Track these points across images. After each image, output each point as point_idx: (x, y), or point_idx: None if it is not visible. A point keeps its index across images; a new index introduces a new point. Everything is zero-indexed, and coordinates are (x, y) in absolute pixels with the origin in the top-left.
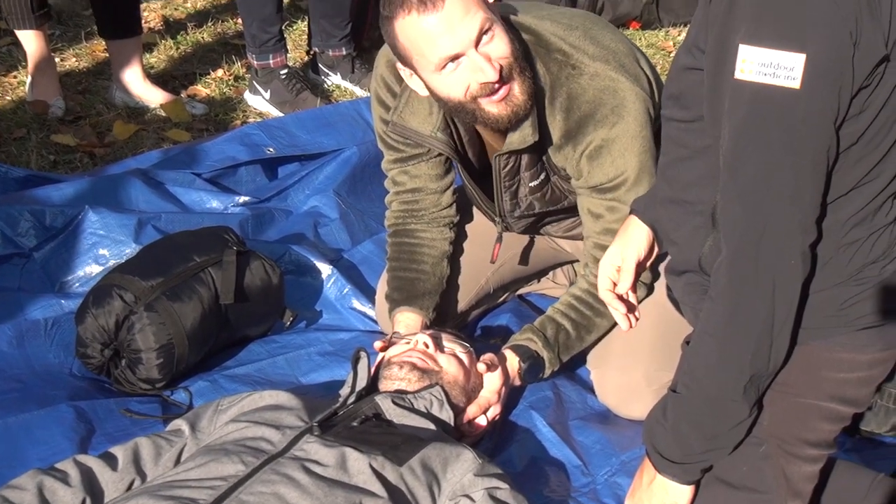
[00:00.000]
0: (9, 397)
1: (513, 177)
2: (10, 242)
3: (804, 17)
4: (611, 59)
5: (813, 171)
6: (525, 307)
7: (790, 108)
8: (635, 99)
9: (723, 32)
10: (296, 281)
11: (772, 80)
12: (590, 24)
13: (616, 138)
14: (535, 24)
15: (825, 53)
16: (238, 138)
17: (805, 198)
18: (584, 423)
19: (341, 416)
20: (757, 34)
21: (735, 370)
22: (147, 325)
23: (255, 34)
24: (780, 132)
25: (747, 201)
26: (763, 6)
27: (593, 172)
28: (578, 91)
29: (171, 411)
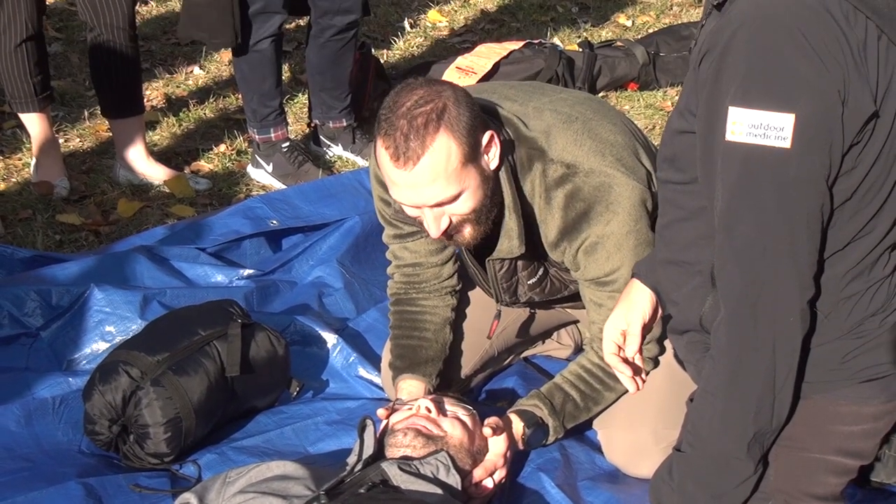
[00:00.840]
0: (18, 476)
1: (510, 277)
2: (17, 322)
3: (792, 78)
4: (607, 153)
5: (808, 228)
6: (531, 370)
7: (782, 167)
8: (630, 194)
9: (712, 95)
10: (301, 351)
11: (762, 140)
12: (591, 114)
13: (610, 234)
14: (532, 123)
15: (814, 113)
16: (241, 212)
17: (801, 255)
18: (593, 484)
19: (348, 483)
20: (746, 96)
21: (739, 428)
22: (154, 399)
23: (256, 109)
24: (773, 192)
25: (744, 261)
26: (750, 68)
27: (589, 267)
28: (574, 190)
29: (180, 485)
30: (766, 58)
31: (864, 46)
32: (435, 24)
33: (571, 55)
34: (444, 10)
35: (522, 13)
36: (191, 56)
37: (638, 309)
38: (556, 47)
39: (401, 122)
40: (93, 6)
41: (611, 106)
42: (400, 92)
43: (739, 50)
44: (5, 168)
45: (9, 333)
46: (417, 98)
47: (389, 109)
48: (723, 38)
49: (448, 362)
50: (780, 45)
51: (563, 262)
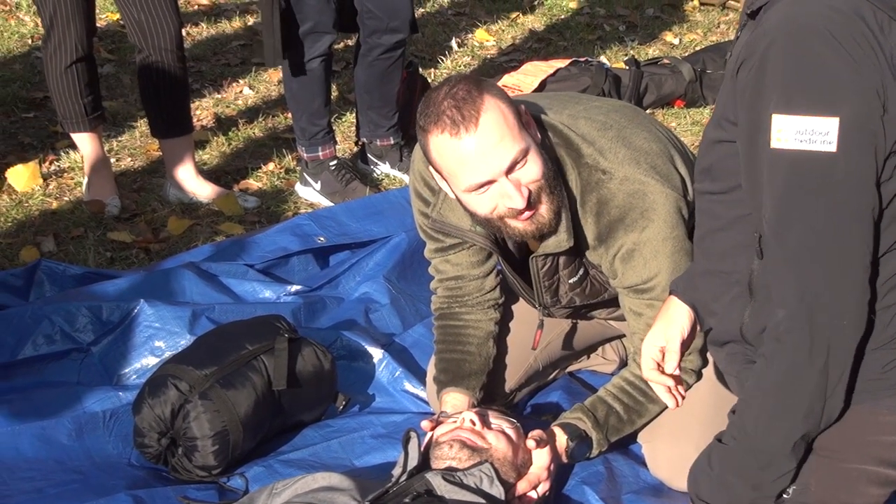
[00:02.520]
0: (69, 488)
1: (551, 276)
2: (68, 338)
3: (833, 83)
4: (642, 160)
5: (860, 230)
6: (576, 384)
7: (829, 170)
8: (665, 201)
9: (754, 104)
10: (348, 366)
11: (808, 146)
12: (625, 122)
13: (647, 241)
14: (568, 127)
15: (857, 115)
16: (289, 229)
17: (855, 258)
18: (637, 497)
19: (393, 493)
20: (789, 103)
21: (787, 429)
22: (202, 413)
23: (305, 127)
24: (822, 195)
25: (797, 267)
26: (792, 76)
27: (627, 274)
28: (608, 196)
29: (227, 497)
30: (805, 65)
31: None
32: (482, 43)
33: (618, 73)
34: (492, 30)
35: (570, 32)
36: (240, 76)
37: (677, 325)
38: (602, 65)
39: (444, 104)
40: (141, 29)
41: (646, 113)
42: (429, 93)
43: (778, 59)
44: (58, 187)
45: (60, 349)
46: (448, 87)
47: (426, 105)
48: (760, 48)
49: (492, 376)
50: (818, 52)
51: (600, 264)
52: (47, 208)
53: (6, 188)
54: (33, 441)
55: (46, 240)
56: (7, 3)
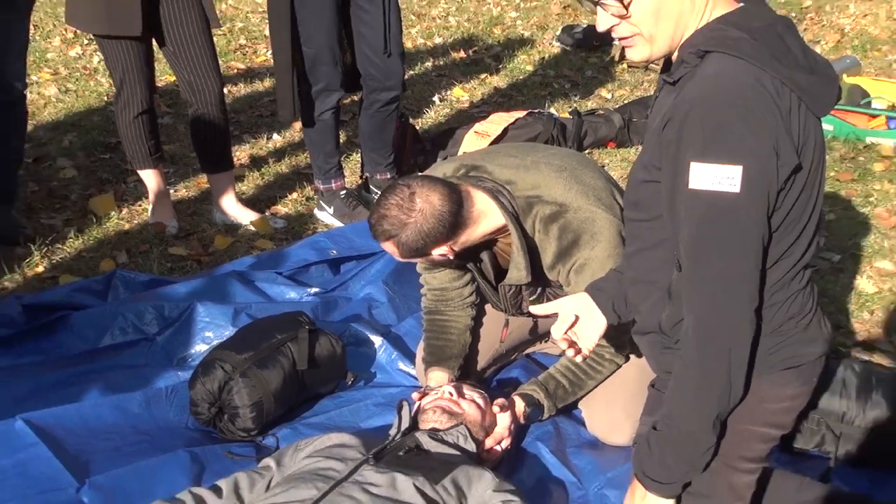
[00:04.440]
0: (140, 447)
1: (516, 296)
2: (138, 330)
3: (739, 140)
4: (590, 194)
5: (754, 251)
6: (532, 364)
7: (733, 207)
8: (609, 226)
9: (677, 155)
10: (355, 350)
11: (718, 187)
12: (576, 164)
13: (595, 258)
14: (530, 180)
15: (756, 165)
16: (309, 244)
17: (750, 274)
18: (578, 450)
19: (390, 448)
20: (704, 154)
21: (707, 412)
22: (242, 388)
23: (320, 165)
24: (729, 227)
25: (706, 280)
26: (708, 134)
27: (578, 283)
28: (566, 223)
29: (262, 452)
30: (717, 127)
31: (789, 113)
32: (459, 98)
33: (564, 121)
34: (466, 88)
35: (526, 89)
36: (270, 125)
37: (601, 322)
38: (551, 115)
39: (375, 212)
40: (191, 88)
41: (590, 159)
42: (379, 197)
43: (696, 121)
44: (129, 213)
45: (132, 338)
46: (385, 198)
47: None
48: (682, 112)
49: (467, 359)
50: (728, 117)
51: (559, 280)
52: (121, 229)
53: (89, 214)
54: (112, 410)
55: (120, 254)
56: (87, 68)
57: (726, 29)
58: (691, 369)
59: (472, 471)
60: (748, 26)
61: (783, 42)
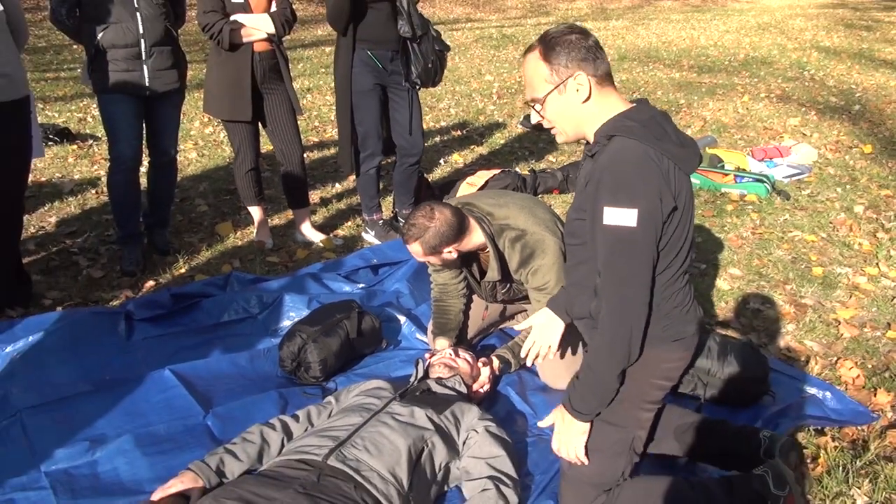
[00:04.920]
0: (246, 389)
1: (493, 289)
2: (246, 311)
3: (634, 190)
4: (541, 224)
5: (646, 266)
6: (503, 335)
7: (632, 237)
8: (553, 244)
9: (595, 202)
10: (388, 325)
11: (621, 223)
12: (532, 204)
13: (544, 265)
14: (502, 212)
15: (647, 208)
16: (359, 255)
17: (644, 280)
18: (534, 392)
19: (410, 390)
20: (612, 200)
21: (614, 367)
22: (313, 350)
23: (367, 203)
24: (629, 251)
25: (616, 286)
26: (613, 186)
27: (533, 281)
28: (525, 243)
29: (326, 393)
30: (621, 182)
31: (668, 172)
32: (456, 161)
33: (524, 176)
34: (461, 154)
35: (500, 155)
36: (334, 178)
37: (557, 330)
38: (516, 172)
39: (407, 222)
40: (282, 153)
41: (542, 202)
42: (409, 215)
43: (607, 178)
44: (241, 234)
45: (242, 316)
46: (415, 215)
47: (410, 215)
48: (598, 172)
49: (461, 331)
50: (627, 175)
51: (521, 279)
52: (236, 245)
53: (215, 235)
54: (228, 364)
55: (235, 261)
56: (216, 141)
57: (624, 121)
58: (605, 337)
59: (464, 406)
60: (639, 118)
61: (662, 128)
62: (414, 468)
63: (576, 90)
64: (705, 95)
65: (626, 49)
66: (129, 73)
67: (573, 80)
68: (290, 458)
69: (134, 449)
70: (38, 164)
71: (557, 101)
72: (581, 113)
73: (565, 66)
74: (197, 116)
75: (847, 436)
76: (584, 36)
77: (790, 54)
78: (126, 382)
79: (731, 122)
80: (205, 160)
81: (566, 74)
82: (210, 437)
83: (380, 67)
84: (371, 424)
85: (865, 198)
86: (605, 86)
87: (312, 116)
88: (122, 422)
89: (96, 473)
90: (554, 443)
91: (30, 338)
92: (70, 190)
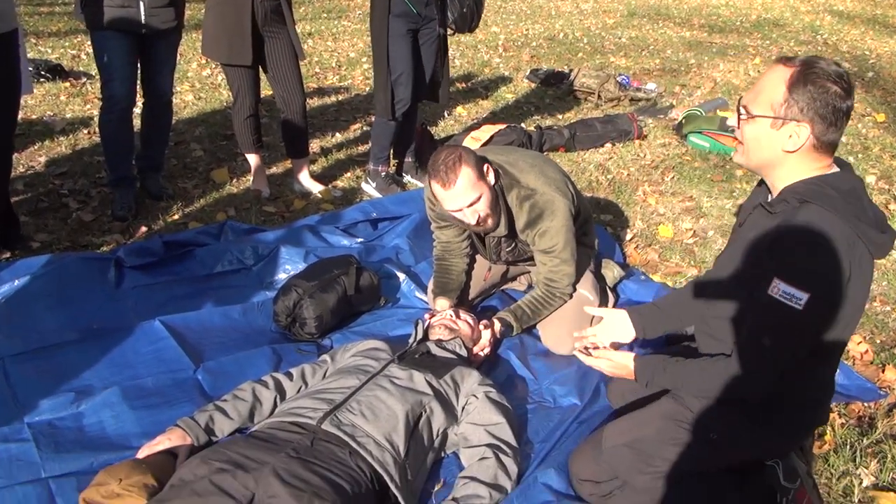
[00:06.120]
0: (238, 343)
1: (497, 246)
2: (240, 262)
3: (814, 274)
4: (551, 184)
5: (794, 354)
6: (505, 296)
7: (792, 320)
8: (563, 206)
9: (767, 262)
10: (387, 282)
11: (788, 301)
12: (541, 163)
13: (553, 227)
14: (512, 166)
15: (821, 296)
16: (358, 209)
17: (785, 364)
18: (535, 357)
19: (409, 352)
20: (787, 274)
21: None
22: (309, 306)
23: (376, 153)
24: (786, 332)
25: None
26: (794, 260)
27: (540, 243)
28: (534, 203)
29: (321, 350)
30: (803, 260)
31: (860, 260)
32: (461, 114)
33: (530, 133)
34: (465, 107)
35: (505, 110)
36: (334, 126)
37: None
38: (522, 128)
39: (440, 166)
40: (282, 100)
41: (551, 159)
42: (433, 156)
43: (790, 249)
44: (237, 182)
45: (236, 267)
46: (445, 155)
47: (434, 162)
48: (783, 237)
49: (462, 292)
50: (813, 256)
51: (527, 240)
52: (231, 193)
53: (210, 181)
54: (220, 317)
55: (230, 209)
56: (214, 84)
57: (824, 188)
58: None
59: (464, 370)
60: (841, 188)
61: (861, 203)
62: (411, 435)
63: (789, 136)
64: (716, 56)
65: (637, 5)
66: (125, 9)
67: (795, 125)
68: (283, 420)
69: (121, 402)
70: (28, 102)
71: (764, 131)
72: (778, 158)
73: (800, 109)
74: (195, 58)
75: (853, 412)
76: (845, 96)
77: (803, 17)
78: (114, 332)
79: (742, 85)
80: (201, 103)
81: (793, 117)
82: (200, 392)
83: (414, 13)
84: (368, 388)
85: (878, 168)
86: (820, 152)
87: (313, 62)
88: (108, 373)
89: (81, 426)
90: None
91: (16, 282)
92: (61, 129)
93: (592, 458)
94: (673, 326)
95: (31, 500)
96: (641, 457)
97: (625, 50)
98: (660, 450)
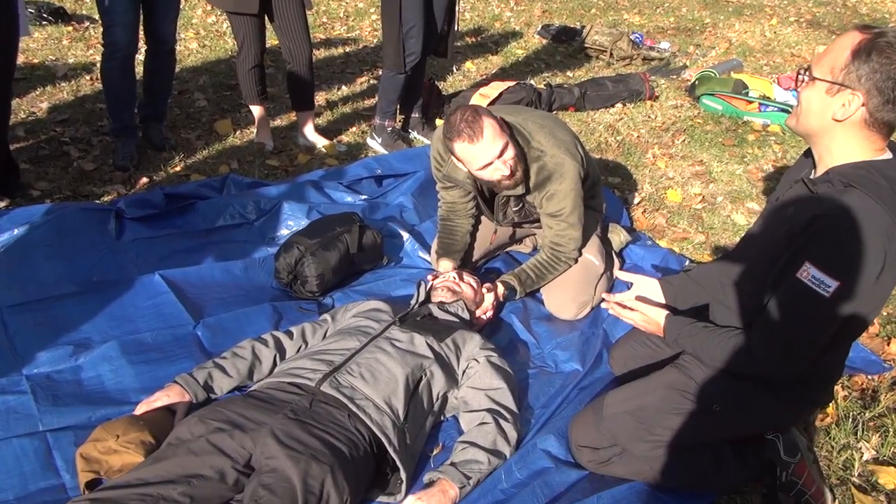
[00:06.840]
0: (238, 299)
1: (505, 206)
2: (243, 216)
3: (848, 263)
4: (561, 146)
5: (822, 338)
6: (510, 259)
7: (817, 306)
8: (572, 169)
9: (801, 247)
10: (390, 241)
11: (816, 287)
12: (551, 124)
13: (560, 190)
14: (522, 126)
15: (851, 286)
16: (363, 164)
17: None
18: (538, 321)
19: (410, 314)
20: (820, 260)
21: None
22: (311, 263)
23: (383, 106)
24: (812, 316)
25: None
26: (829, 247)
27: (548, 207)
28: (543, 164)
29: (322, 309)
30: (839, 248)
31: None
32: (469, 69)
33: (540, 90)
34: (474, 62)
35: (515, 67)
36: (340, 79)
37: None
38: (532, 86)
39: (461, 125)
40: (289, 51)
41: (561, 120)
42: (448, 119)
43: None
44: (241, 134)
45: (238, 222)
46: (461, 114)
47: (450, 126)
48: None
49: (466, 254)
50: (850, 245)
51: (534, 202)
52: (234, 145)
53: (214, 132)
54: (221, 272)
55: (233, 162)
56: (219, 32)
57: (873, 174)
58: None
59: (465, 334)
60: (890, 176)
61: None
62: (411, 398)
63: (842, 104)
64: (732, 15)
65: None
66: None
67: (850, 94)
68: (282, 380)
69: (119, 356)
70: (29, 45)
71: (818, 95)
72: (826, 126)
73: (857, 78)
74: (199, 4)
75: (857, 384)
76: None
77: None
78: (114, 285)
79: (757, 46)
80: (206, 52)
81: (849, 84)
82: (200, 348)
83: None
84: (368, 350)
85: None
86: (872, 130)
87: (321, 12)
88: (107, 327)
89: (79, 380)
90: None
91: (15, 230)
92: (63, 74)
93: (593, 425)
94: (704, 299)
95: (28, 453)
96: (643, 425)
97: (639, 7)
98: (662, 419)
